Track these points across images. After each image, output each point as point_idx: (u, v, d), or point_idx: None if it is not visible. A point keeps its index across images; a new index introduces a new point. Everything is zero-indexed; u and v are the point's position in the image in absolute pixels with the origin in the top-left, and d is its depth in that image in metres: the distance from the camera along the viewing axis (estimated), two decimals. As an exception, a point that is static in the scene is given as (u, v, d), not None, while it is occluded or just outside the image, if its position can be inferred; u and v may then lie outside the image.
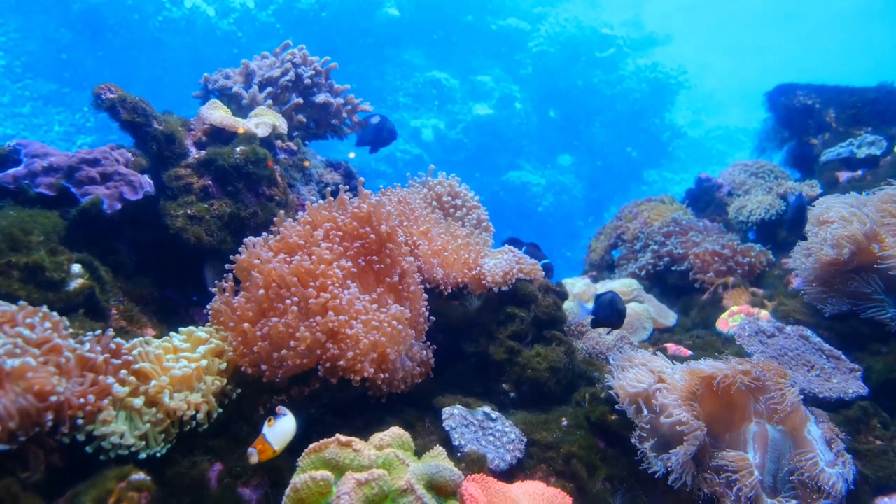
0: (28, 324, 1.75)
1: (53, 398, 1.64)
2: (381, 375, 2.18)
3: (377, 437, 1.86)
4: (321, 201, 2.61)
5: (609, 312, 2.77)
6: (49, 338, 1.75)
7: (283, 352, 2.10)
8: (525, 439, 2.25)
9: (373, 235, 2.46)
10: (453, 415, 2.24)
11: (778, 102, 5.28)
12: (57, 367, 1.71)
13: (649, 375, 2.23)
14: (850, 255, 2.87)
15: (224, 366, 2.15)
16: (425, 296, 2.58)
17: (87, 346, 1.86)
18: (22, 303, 1.85)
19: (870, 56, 25.33)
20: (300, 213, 2.62)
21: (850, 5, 24.88)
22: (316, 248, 2.33)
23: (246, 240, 2.42)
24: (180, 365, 2.01)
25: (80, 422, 1.73)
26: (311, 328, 2.11)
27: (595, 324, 2.89)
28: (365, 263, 2.46)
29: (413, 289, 2.49)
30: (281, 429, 1.83)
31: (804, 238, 3.21)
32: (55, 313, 1.89)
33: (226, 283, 2.36)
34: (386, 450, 1.79)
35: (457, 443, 2.14)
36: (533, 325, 2.79)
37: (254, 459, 1.76)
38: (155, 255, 2.83)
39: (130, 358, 1.95)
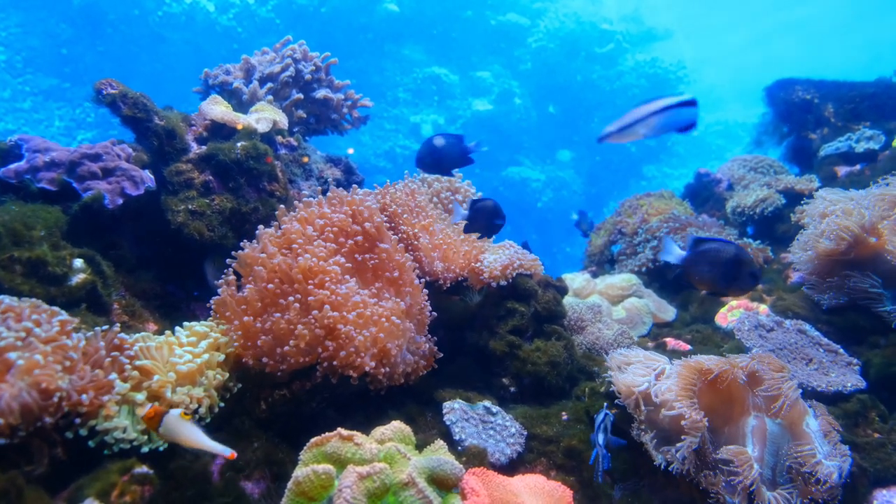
0: (35, 320, 1.76)
1: (58, 395, 1.65)
2: (382, 370, 2.19)
3: (378, 431, 1.87)
4: (312, 199, 2.62)
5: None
6: (56, 336, 1.76)
7: (286, 347, 2.11)
8: (525, 433, 2.26)
9: (361, 235, 2.47)
10: (454, 409, 2.26)
11: (777, 97, 5.28)
12: (62, 364, 1.72)
13: (648, 371, 2.24)
14: (848, 247, 2.88)
15: (223, 357, 2.16)
16: (425, 290, 2.59)
17: (92, 341, 1.87)
18: (32, 299, 1.86)
19: (869, 51, 25.31)
20: (297, 210, 2.63)
21: (849, 0, 24.85)
22: (310, 245, 2.33)
23: (258, 230, 2.42)
24: (185, 360, 2.03)
25: (81, 418, 1.75)
26: (310, 325, 2.12)
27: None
28: (361, 259, 2.47)
29: (413, 283, 2.50)
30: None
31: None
32: (64, 313, 1.90)
33: (229, 276, 2.37)
34: (387, 443, 1.80)
35: (458, 437, 2.15)
36: (533, 319, 2.81)
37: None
38: (156, 250, 2.83)
39: (133, 353, 1.96)
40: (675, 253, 2.26)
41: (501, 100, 16.86)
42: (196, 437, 1.72)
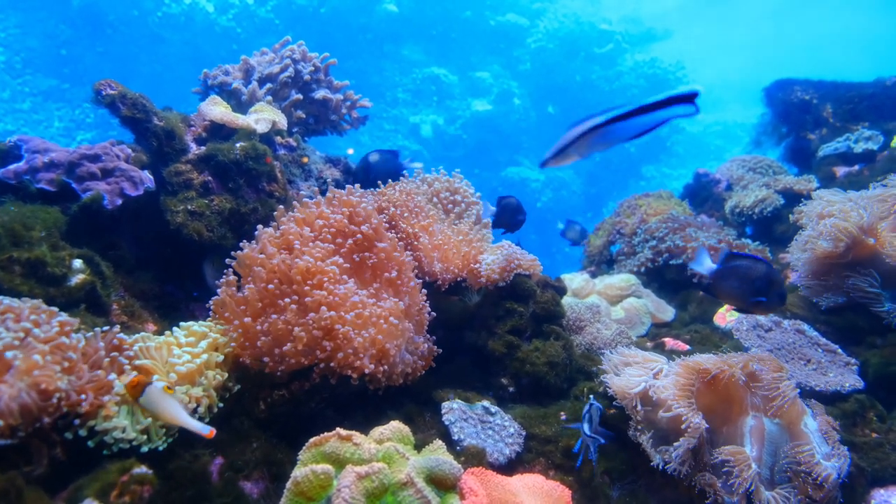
0: (33, 320, 1.76)
1: (57, 396, 1.65)
2: (381, 370, 2.19)
3: (377, 431, 1.88)
4: (311, 199, 2.63)
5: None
6: (55, 336, 1.76)
7: (285, 348, 2.11)
8: (524, 433, 2.27)
9: (359, 235, 2.48)
10: (453, 409, 2.26)
11: (775, 98, 5.29)
12: (61, 365, 1.72)
13: (646, 371, 2.25)
14: (846, 248, 2.88)
15: (221, 358, 2.17)
16: (424, 290, 2.59)
17: (91, 342, 1.88)
18: (33, 300, 1.86)
19: (868, 51, 25.33)
20: (294, 210, 2.64)
21: (848, 1, 24.88)
22: (307, 246, 2.34)
23: (258, 230, 2.43)
24: (183, 360, 2.03)
25: (80, 418, 1.75)
26: (308, 326, 2.12)
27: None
28: (360, 259, 2.47)
29: (412, 283, 2.50)
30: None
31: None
32: (64, 314, 1.91)
33: (230, 276, 2.38)
34: (386, 443, 1.81)
35: (456, 437, 2.16)
36: (532, 319, 2.81)
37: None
38: (155, 251, 2.84)
39: (132, 353, 1.96)
40: (705, 264, 2.29)
41: (501, 100, 16.87)
42: (175, 413, 1.74)
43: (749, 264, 2.21)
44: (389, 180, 3.04)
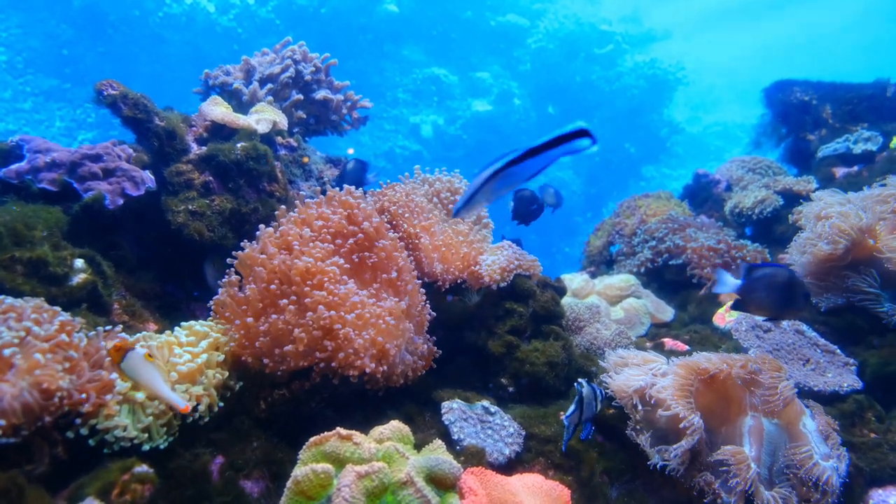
0: (34, 319, 1.77)
1: (59, 395, 1.66)
2: (380, 370, 2.20)
3: (377, 431, 1.89)
4: (311, 199, 2.63)
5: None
6: (56, 335, 1.77)
7: (286, 349, 2.12)
8: (524, 433, 2.27)
9: (361, 234, 2.48)
10: (452, 409, 2.27)
11: (775, 99, 5.30)
12: (62, 364, 1.73)
13: (645, 372, 2.26)
14: (846, 251, 2.89)
15: (222, 357, 2.17)
16: (423, 290, 2.60)
17: (93, 341, 1.89)
18: (35, 300, 1.87)
19: (867, 52, 25.34)
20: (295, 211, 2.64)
21: (848, 2, 24.87)
22: (306, 247, 2.34)
23: (259, 230, 2.44)
24: (184, 360, 2.04)
25: (82, 417, 1.76)
26: (308, 326, 2.13)
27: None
28: (359, 260, 2.48)
29: (411, 284, 2.51)
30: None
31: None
32: (66, 313, 1.91)
33: (232, 276, 2.38)
34: (386, 443, 1.82)
35: (456, 436, 2.16)
36: (531, 320, 2.82)
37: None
38: (156, 251, 2.84)
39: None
40: (729, 283, 2.32)
41: (501, 100, 16.87)
42: (153, 382, 1.77)
43: (771, 272, 2.25)
44: (388, 180, 3.05)
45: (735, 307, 2.42)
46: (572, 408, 2.05)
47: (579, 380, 2.10)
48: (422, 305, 2.55)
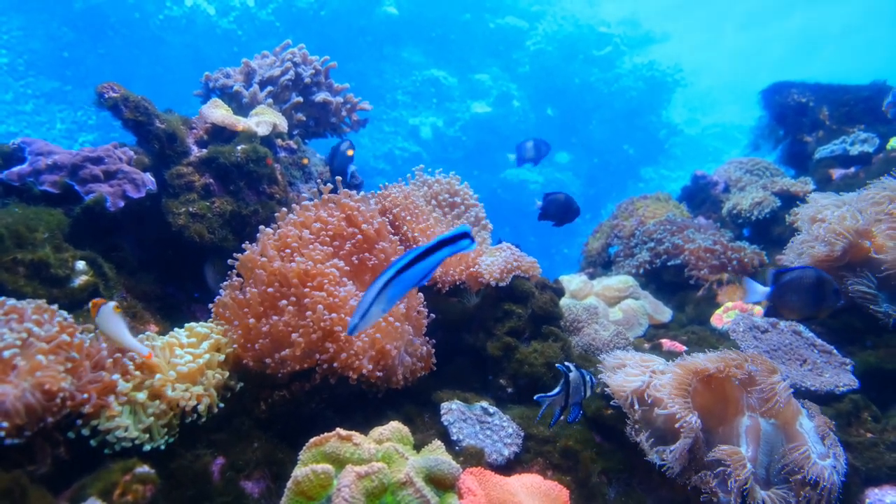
0: (35, 320, 1.79)
1: (61, 396, 1.68)
2: (377, 373, 2.21)
3: (377, 432, 1.90)
4: (310, 201, 2.64)
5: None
6: (57, 335, 1.78)
7: (285, 353, 2.14)
8: (522, 433, 2.28)
9: (359, 235, 2.49)
10: (451, 409, 2.28)
11: (772, 100, 5.31)
12: (64, 365, 1.74)
13: (643, 372, 2.27)
14: (843, 252, 2.91)
15: (223, 357, 2.19)
16: (420, 294, 2.61)
17: (95, 342, 1.90)
18: (37, 301, 1.88)
19: (864, 54, 25.35)
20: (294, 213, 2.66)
21: (846, 4, 24.88)
22: (305, 249, 2.36)
23: (259, 231, 2.45)
24: (185, 361, 2.05)
25: (83, 418, 1.77)
26: (307, 328, 2.14)
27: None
28: (359, 262, 2.49)
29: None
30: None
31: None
32: (68, 314, 1.93)
33: (234, 278, 2.40)
34: (385, 443, 1.83)
35: (455, 437, 2.17)
36: (530, 321, 2.83)
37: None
38: (157, 253, 2.86)
39: (135, 354, 1.98)
40: (759, 291, 2.36)
41: (500, 102, 16.87)
42: (118, 331, 1.91)
43: (798, 274, 2.28)
44: (386, 182, 3.07)
45: (767, 314, 2.41)
46: (557, 389, 2.06)
47: (566, 363, 2.11)
48: (420, 308, 2.56)
